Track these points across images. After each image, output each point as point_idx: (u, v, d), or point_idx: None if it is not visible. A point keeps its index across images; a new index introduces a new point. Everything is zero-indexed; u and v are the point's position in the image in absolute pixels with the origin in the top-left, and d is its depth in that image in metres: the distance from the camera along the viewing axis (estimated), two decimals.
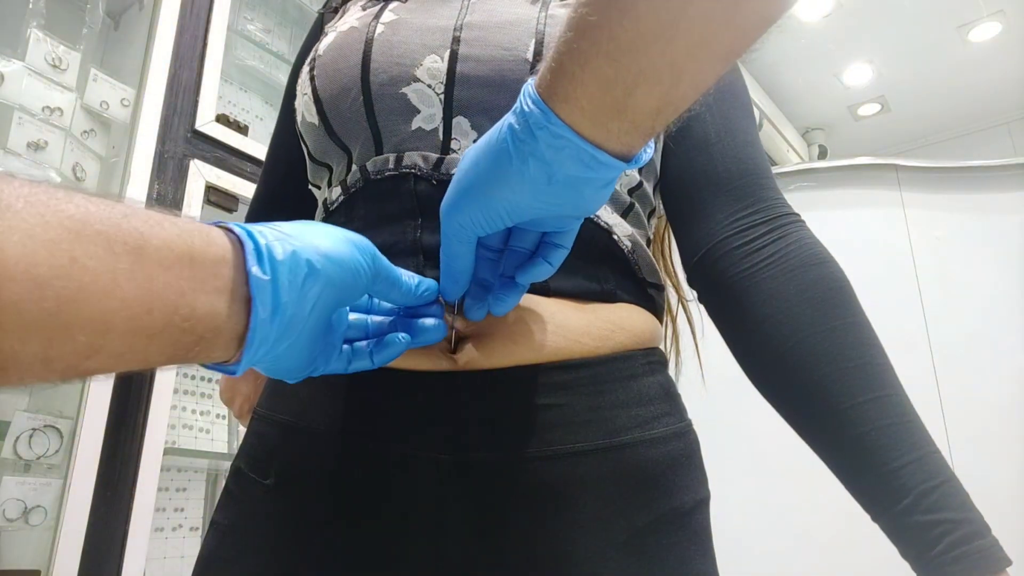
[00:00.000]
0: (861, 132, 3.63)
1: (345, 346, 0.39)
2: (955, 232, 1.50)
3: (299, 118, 0.53)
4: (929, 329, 1.42)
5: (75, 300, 0.24)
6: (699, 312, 0.54)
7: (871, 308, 0.47)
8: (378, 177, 0.48)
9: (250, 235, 0.31)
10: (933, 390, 1.37)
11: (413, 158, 0.47)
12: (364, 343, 0.40)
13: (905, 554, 0.41)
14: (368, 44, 0.49)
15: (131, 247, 0.26)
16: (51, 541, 1.04)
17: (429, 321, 0.41)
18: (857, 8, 2.75)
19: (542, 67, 0.33)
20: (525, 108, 0.33)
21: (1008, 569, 0.38)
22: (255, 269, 0.30)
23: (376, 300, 0.42)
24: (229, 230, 0.31)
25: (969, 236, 1.49)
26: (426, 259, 0.45)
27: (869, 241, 1.54)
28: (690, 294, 0.59)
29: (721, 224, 0.49)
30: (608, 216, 0.48)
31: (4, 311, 0.22)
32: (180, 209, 1.28)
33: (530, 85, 0.33)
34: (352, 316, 0.40)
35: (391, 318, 0.42)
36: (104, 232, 0.25)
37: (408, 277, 0.39)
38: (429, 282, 0.40)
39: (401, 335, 0.40)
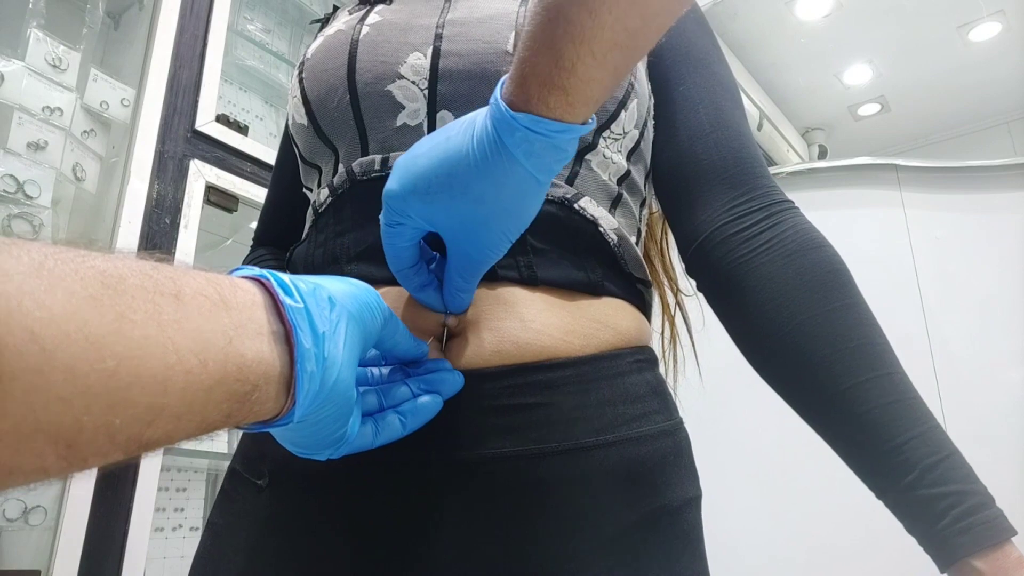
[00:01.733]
0: (861, 132, 3.63)
1: (366, 418, 0.38)
2: (955, 232, 1.50)
3: (290, 120, 0.55)
4: (929, 329, 1.42)
5: (131, 358, 0.22)
6: (700, 308, 0.54)
7: (871, 308, 0.47)
8: (364, 178, 0.48)
9: (271, 275, 0.31)
10: (933, 390, 1.37)
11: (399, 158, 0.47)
12: (393, 415, 0.39)
13: (912, 528, 0.42)
14: (353, 45, 0.50)
15: (169, 298, 0.24)
16: (51, 541, 1.04)
17: (447, 373, 0.41)
18: (857, 8, 2.75)
19: (540, 92, 0.33)
20: (552, 144, 0.35)
21: (1013, 539, 0.39)
22: (288, 300, 0.30)
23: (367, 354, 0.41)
24: (247, 277, 0.31)
25: (969, 236, 1.49)
26: None
27: (869, 241, 1.54)
28: (688, 290, 0.59)
29: (718, 211, 0.50)
30: (594, 209, 0.48)
31: (63, 376, 0.20)
32: (180, 209, 1.28)
33: (541, 123, 0.34)
34: None
35: (390, 367, 0.41)
36: (141, 285, 0.24)
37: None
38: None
39: (429, 396, 0.39)
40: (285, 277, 0.31)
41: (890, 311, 1.59)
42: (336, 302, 0.33)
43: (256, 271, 0.31)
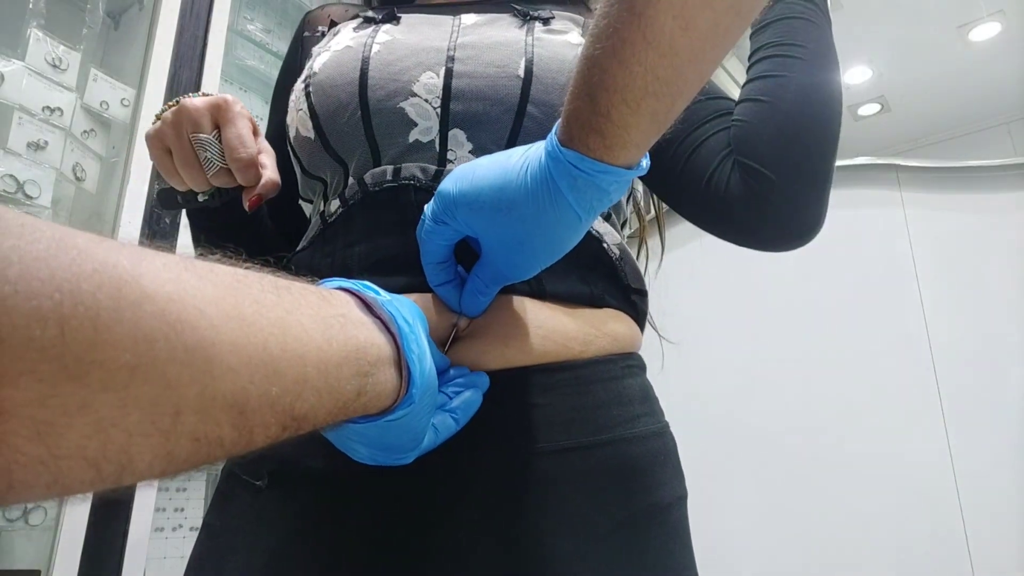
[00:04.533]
0: (861, 132, 3.63)
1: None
2: (955, 232, 1.50)
3: (292, 133, 0.55)
4: (929, 329, 1.42)
5: (274, 335, 0.24)
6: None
7: (871, 308, 0.47)
8: (377, 189, 0.49)
9: (349, 283, 0.34)
10: (933, 390, 1.37)
11: (411, 170, 0.48)
12: (444, 414, 0.40)
13: None
14: (365, 62, 0.51)
15: (283, 291, 0.27)
16: (51, 541, 1.04)
17: (474, 376, 0.42)
18: (857, 8, 2.75)
19: (580, 134, 0.35)
20: (596, 184, 0.36)
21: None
22: (380, 297, 0.33)
23: None
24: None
25: (969, 236, 1.49)
26: None
27: (869, 241, 1.54)
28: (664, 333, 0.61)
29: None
30: (599, 224, 0.50)
31: (230, 348, 0.22)
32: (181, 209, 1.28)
33: (584, 161, 0.35)
34: None
35: None
36: (259, 280, 0.26)
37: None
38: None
39: (470, 391, 0.41)
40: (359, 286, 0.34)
41: (890, 311, 1.59)
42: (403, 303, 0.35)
43: (337, 282, 0.34)
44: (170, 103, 0.51)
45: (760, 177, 0.49)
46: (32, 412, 0.17)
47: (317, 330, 0.27)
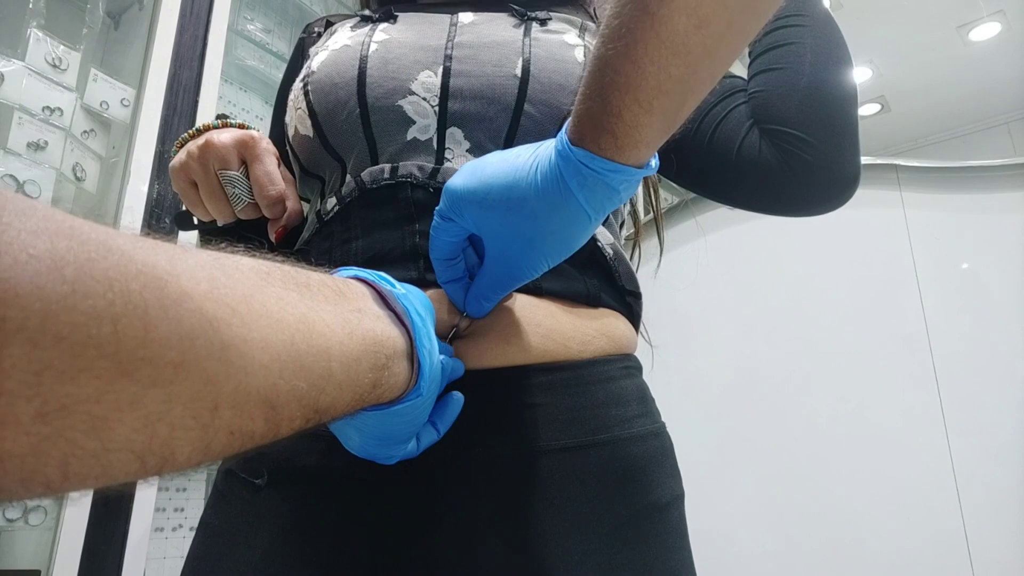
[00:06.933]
0: (861, 132, 3.62)
1: None
2: (955, 232, 1.50)
3: (291, 132, 0.55)
4: (929, 329, 1.42)
5: (299, 331, 0.25)
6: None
7: (871, 308, 0.48)
8: (374, 186, 0.49)
9: (368, 273, 0.34)
10: (933, 390, 1.37)
11: (409, 168, 0.48)
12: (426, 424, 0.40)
13: None
14: (363, 60, 0.51)
15: (303, 287, 0.28)
16: (51, 541, 1.04)
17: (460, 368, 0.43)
18: (857, 8, 2.75)
19: (592, 133, 0.35)
20: (607, 184, 0.36)
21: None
22: (396, 290, 0.34)
23: None
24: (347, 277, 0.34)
25: (969, 236, 1.49)
26: (426, 264, 0.46)
27: (869, 241, 1.54)
28: (653, 340, 0.62)
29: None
30: None
31: (261, 345, 0.23)
32: (181, 208, 1.28)
33: (595, 160, 0.35)
34: None
35: None
36: (281, 277, 0.27)
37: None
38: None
39: (455, 393, 0.41)
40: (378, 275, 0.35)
41: (890, 311, 1.58)
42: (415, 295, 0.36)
43: (353, 271, 0.34)
44: (192, 131, 0.52)
45: (794, 140, 0.51)
46: (89, 407, 0.17)
47: (338, 324, 0.28)
